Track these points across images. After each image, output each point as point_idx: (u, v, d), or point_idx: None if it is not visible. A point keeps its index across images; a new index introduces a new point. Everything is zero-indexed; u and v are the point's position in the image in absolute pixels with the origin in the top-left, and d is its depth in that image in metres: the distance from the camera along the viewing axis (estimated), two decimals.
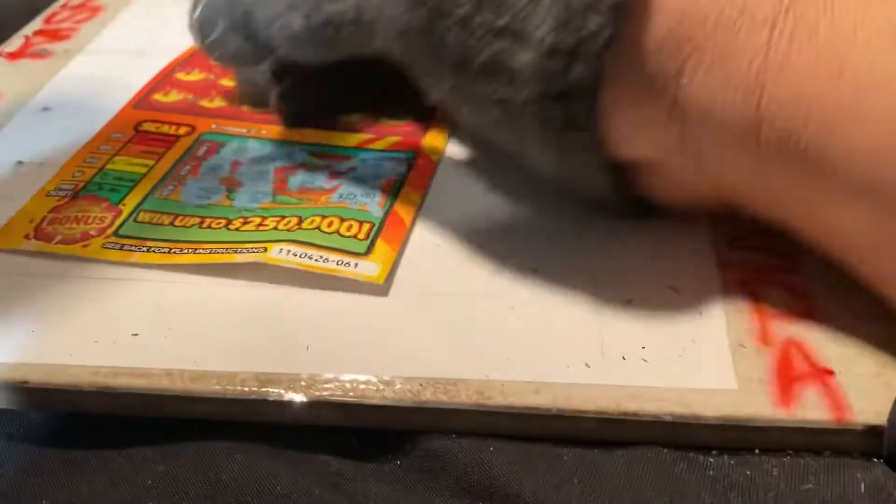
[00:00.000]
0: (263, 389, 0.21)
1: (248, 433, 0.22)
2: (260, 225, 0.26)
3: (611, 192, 0.24)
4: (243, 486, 0.21)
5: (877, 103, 0.19)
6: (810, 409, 0.20)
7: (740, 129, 0.20)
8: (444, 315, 0.23)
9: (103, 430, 0.22)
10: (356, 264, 0.24)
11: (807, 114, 0.19)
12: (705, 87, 0.20)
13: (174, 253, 0.25)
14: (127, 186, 0.28)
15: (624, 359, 0.22)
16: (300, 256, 0.24)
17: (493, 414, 0.21)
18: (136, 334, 0.23)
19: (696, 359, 0.22)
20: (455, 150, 0.30)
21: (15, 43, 0.38)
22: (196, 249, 0.25)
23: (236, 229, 0.26)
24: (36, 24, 0.40)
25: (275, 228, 0.26)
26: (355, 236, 0.25)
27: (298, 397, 0.21)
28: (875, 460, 0.20)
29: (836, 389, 0.21)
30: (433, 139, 0.30)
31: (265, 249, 0.25)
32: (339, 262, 0.24)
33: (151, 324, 0.23)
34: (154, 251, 0.25)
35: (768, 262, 0.25)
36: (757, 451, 0.21)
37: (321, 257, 0.25)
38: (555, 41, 0.20)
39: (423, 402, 0.21)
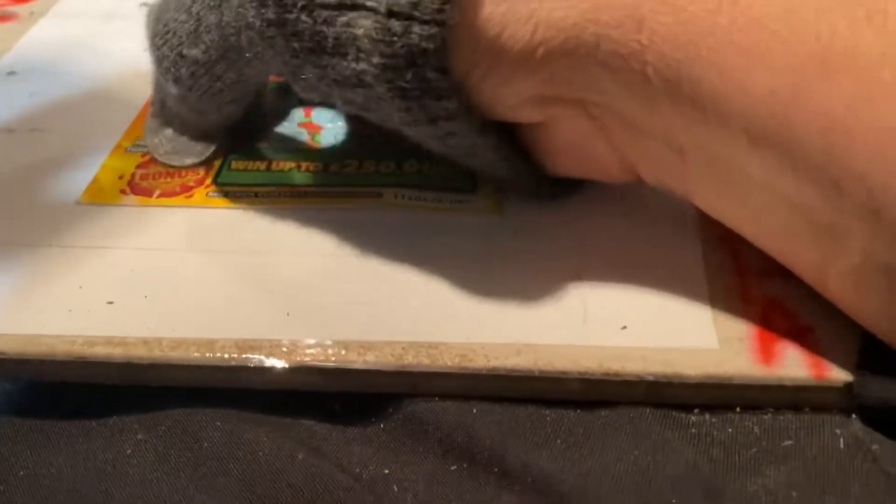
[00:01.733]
0: (244, 356, 0.21)
1: (228, 399, 0.22)
2: (360, 168, 0.26)
3: (503, 166, 0.23)
4: (225, 453, 0.21)
5: (776, 38, 0.17)
6: (790, 366, 0.21)
7: (622, 61, 0.18)
8: (422, 278, 0.23)
9: (81, 399, 0.22)
10: (469, 201, 0.25)
11: (696, 48, 0.18)
12: (573, 20, 0.18)
13: (284, 197, 0.26)
14: None
15: (606, 319, 0.22)
16: (415, 199, 0.25)
17: (476, 377, 0.21)
18: (111, 302, 0.22)
19: (678, 318, 0.22)
20: None
21: None
22: (305, 193, 0.26)
23: (337, 173, 0.26)
24: None
25: (377, 172, 0.26)
26: (457, 173, 0.25)
27: (279, 363, 0.21)
28: (853, 416, 0.20)
29: (815, 347, 0.21)
30: None
31: (380, 195, 0.25)
32: (453, 201, 0.25)
33: (127, 291, 0.23)
34: (263, 196, 0.26)
35: None
36: (738, 408, 0.21)
37: (435, 198, 0.25)
38: (390, 3, 0.18)
39: (405, 366, 0.21)
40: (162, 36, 0.23)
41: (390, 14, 0.18)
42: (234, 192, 0.26)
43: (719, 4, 0.17)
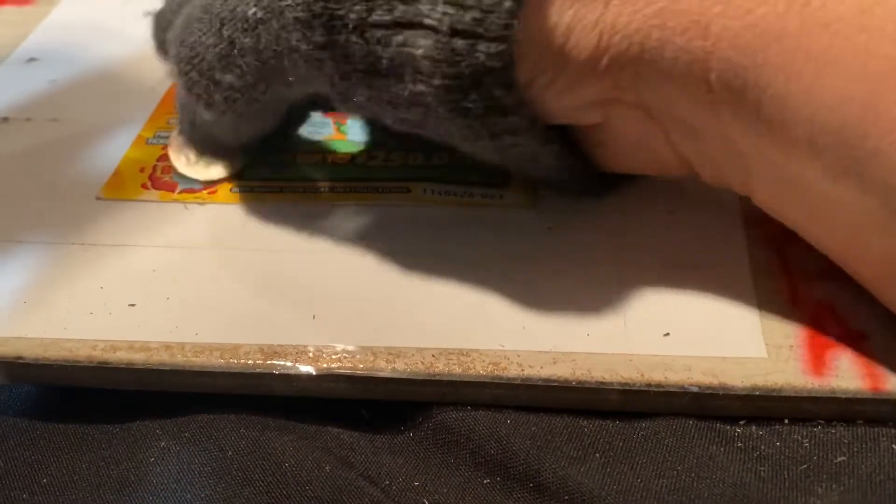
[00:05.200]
0: (269, 362, 0.20)
1: (253, 405, 0.21)
2: (387, 160, 0.25)
3: (563, 170, 0.22)
4: (250, 463, 0.20)
5: (849, 44, 0.16)
6: (843, 377, 0.19)
7: (686, 68, 0.18)
8: (453, 279, 0.22)
9: (104, 403, 0.22)
10: (501, 195, 0.24)
11: (764, 54, 0.17)
12: (637, 25, 0.18)
13: (309, 192, 0.25)
14: None
15: (647, 325, 0.21)
16: (445, 194, 0.24)
17: (510, 386, 0.20)
18: (132, 304, 0.22)
19: (724, 324, 0.21)
20: None
21: None
22: (331, 189, 0.25)
23: (364, 166, 0.25)
24: None
25: (404, 164, 0.25)
26: (489, 166, 0.24)
27: (305, 370, 0.20)
28: None
29: (869, 356, 0.20)
30: None
31: (408, 190, 0.24)
32: (485, 195, 0.24)
33: (149, 293, 0.22)
34: (288, 191, 0.25)
35: None
36: (786, 420, 0.20)
37: (465, 192, 0.24)
38: (453, 21, 0.17)
39: (435, 375, 0.20)
40: (188, 61, 0.21)
41: (454, 33, 0.17)
42: (258, 187, 0.25)
43: (788, 7, 0.16)
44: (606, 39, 0.18)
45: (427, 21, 0.17)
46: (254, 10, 0.19)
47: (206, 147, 0.25)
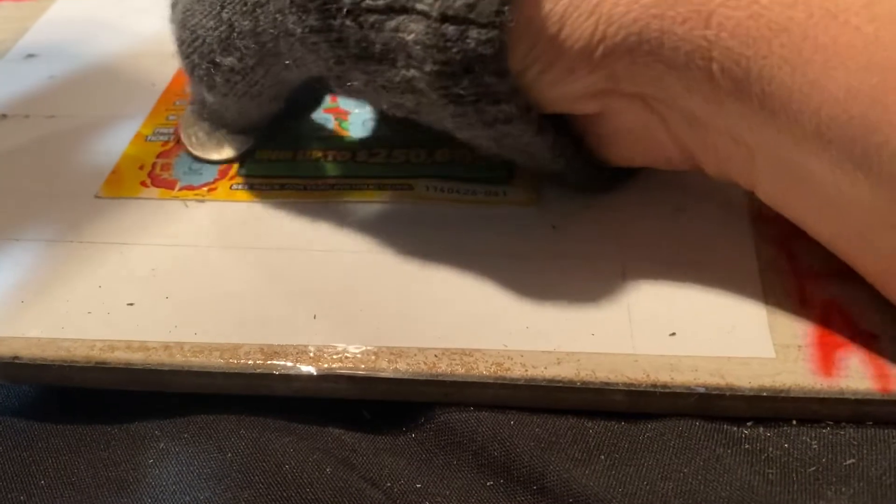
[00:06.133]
0: (269, 362, 0.20)
1: (254, 406, 0.21)
2: (389, 157, 0.25)
3: (558, 161, 0.22)
4: (250, 465, 0.20)
5: (859, 34, 0.16)
6: (852, 377, 0.19)
7: (687, 58, 0.17)
8: (456, 278, 0.22)
9: (103, 404, 0.21)
10: (504, 192, 0.24)
11: (769, 44, 0.16)
12: (636, 15, 0.17)
13: (310, 190, 0.25)
14: None
15: (653, 324, 0.20)
16: (448, 191, 0.24)
17: (513, 386, 0.20)
18: (131, 304, 0.21)
19: (731, 323, 0.20)
20: None
21: None
22: (333, 185, 0.25)
23: (365, 162, 0.25)
24: None
25: (407, 161, 0.25)
26: (492, 162, 0.24)
27: (306, 370, 0.20)
28: None
29: (879, 356, 0.19)
30: None
31: (411, 187, 0.24)
32: (488, 192, 0.24)
33: (148, 292, 0.22)
34: (290, 188, 0.25)
35: None
36: (794, 421, 0.19)
37: (468, 189, 0.24)
38: (444, 6, 0.17)
39: (438, 375, 0.20)
40: (190, 43, 0.21)
41: (444, 19, 0.17)
42: (258, 184, 0.25)
43: (794, 3, 0.16)
44: (602, 29, 0.17)
45: (419, 6, 0.17)
46: None
47: (217, 125, 0.25)
